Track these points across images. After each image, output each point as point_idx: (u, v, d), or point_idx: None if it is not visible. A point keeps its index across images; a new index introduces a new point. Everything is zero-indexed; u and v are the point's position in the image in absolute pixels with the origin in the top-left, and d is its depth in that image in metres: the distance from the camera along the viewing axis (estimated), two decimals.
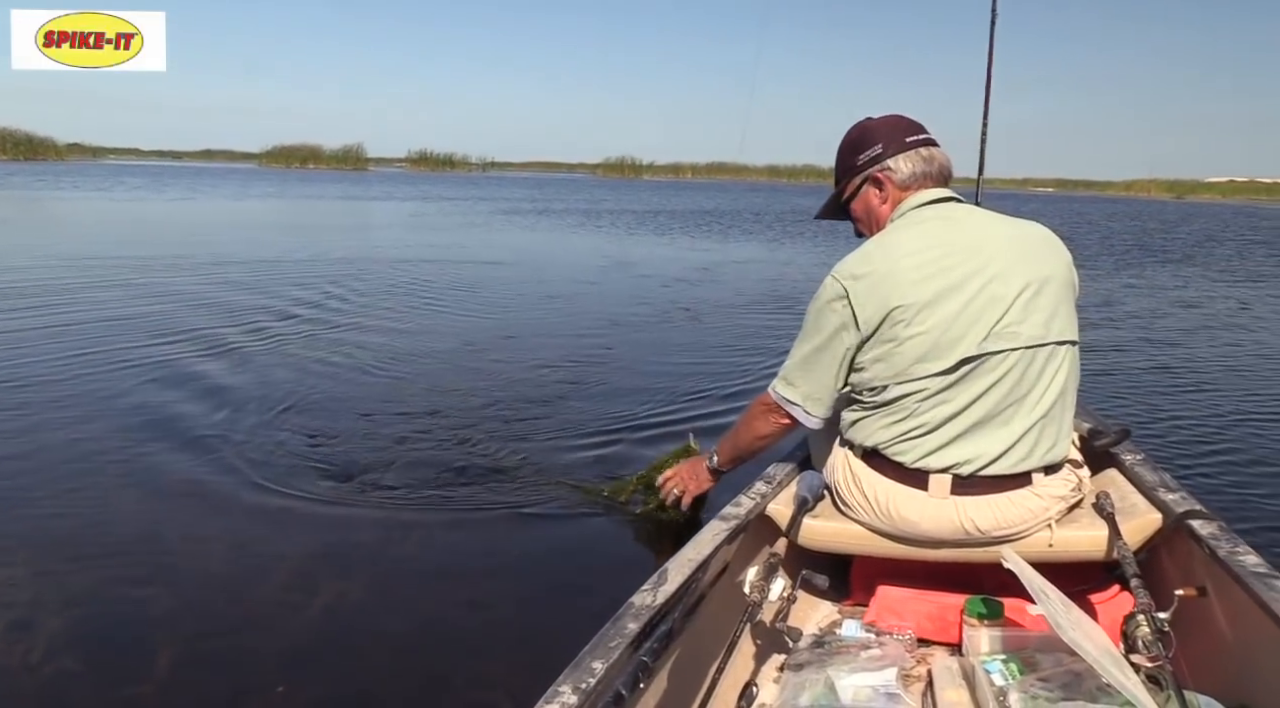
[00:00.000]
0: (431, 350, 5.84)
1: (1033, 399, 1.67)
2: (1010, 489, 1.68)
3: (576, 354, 5.85)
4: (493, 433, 4.00)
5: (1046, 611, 1.38)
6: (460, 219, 20.57)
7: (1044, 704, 1.42)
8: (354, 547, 2.79)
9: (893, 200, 1.80)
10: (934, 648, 1.74)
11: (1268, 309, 9.33)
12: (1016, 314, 1.64)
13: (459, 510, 3.10)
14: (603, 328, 6.95)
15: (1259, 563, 1.46)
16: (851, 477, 1.79)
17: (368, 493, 3.21)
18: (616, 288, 9.81)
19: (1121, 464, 2.01)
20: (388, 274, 9.81)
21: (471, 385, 4.92)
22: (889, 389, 1.68)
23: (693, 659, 1.52)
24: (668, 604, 1.44)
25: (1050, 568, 1.62)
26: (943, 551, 1.76)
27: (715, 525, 1.73)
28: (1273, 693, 1.38)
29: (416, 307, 7.63)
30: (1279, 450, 4.18)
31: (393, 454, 3.64)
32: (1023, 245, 1.70)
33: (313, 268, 10.18)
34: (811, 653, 1.66)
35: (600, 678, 1.20)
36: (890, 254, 1.67)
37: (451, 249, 13.53)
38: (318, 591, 2.52)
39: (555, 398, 4.66)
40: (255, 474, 3.35)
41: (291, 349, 5.74)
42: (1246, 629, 1.44)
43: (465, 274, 10.29)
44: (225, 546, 2.74)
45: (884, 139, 1.80)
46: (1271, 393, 5.39)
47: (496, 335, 6.44)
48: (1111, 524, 1.69)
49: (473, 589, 2.59)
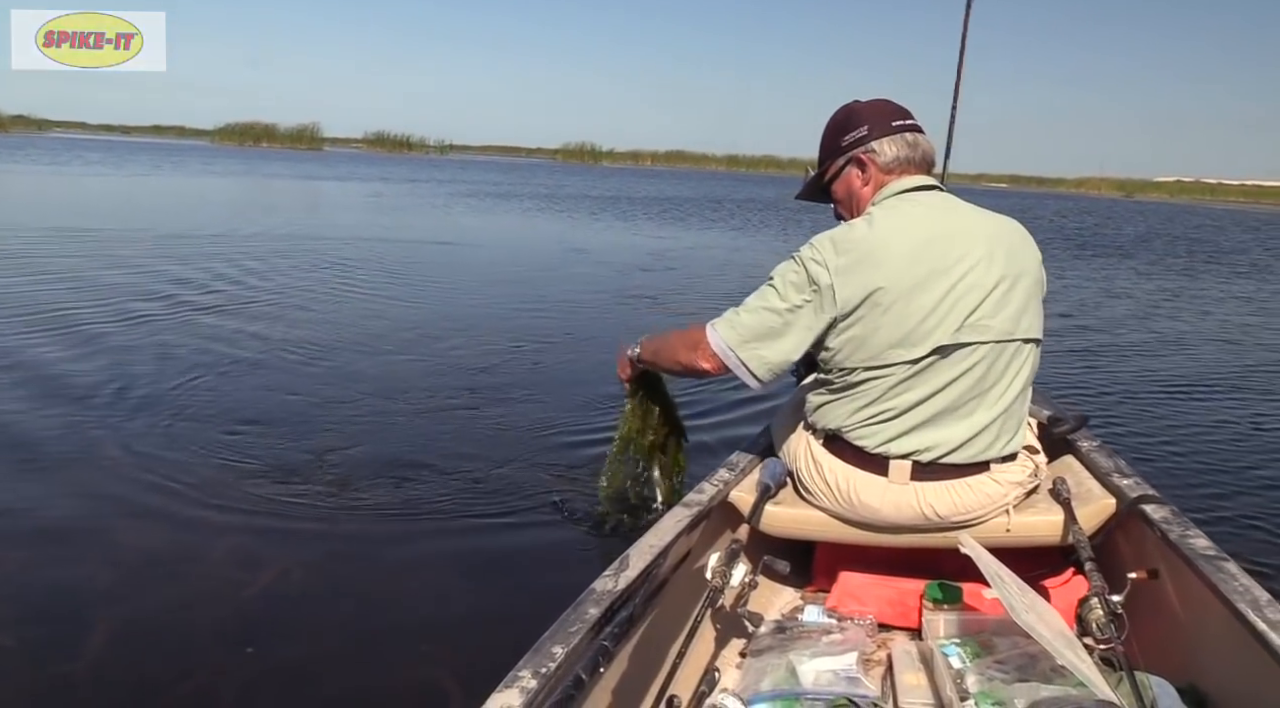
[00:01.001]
0: (397, 338, 5.80)
1: (996, 393, 1.68)
2: (969, 476, 1.70)
3: (534, 341, 5.84)
4: (443, 425, 3.99)
5: (1001, 595, 1.40)
6: (430, 202, 20.41)
7: (999, 686, 1.43)
8: (298, 541, 2.75)
9: (875, 183, 1.78)
10: (894, 633, 1.76)
11: (1191, 298, 9.85)
12: (990, 308, 1.64)
13: (401, 502, 3.08)
14: (561, 315, 6.95)
15: (1208, 546, 1.50)
16: (813, 462, 1.80)
17: (320, 489, 3.16)
18: (575, 273, 9.82)
19: (1078, 451, 2.05)
20: (347, 256, 9.71)
21: (422, 373, 4.89)
22: (857, 372, 1.68)
23: (654, 644, 1.53)
24: (629, 590, 1.44)
25: (1008, 553, 1.64)
26: (903, 536, 1.77)
27: (678, 512, 1.73)
28: (1220, 672, 1.41)
29: (393, 296, 7.53)
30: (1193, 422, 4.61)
31: (337, 451, 3.59)
32: (1001, 239, 1.70)
33: (280, 245, 10.12)
34: (773, 638, 1.67)
35: (560, 663, 1.20)
36: (874, 235, 1.65)
37: (421, 233, 13.43)
38: (258, 574, 2.52)
39: (508, 387, 4.65)
40: (183, 467, 3.31)
41: (234, 332, 5.68)
42: (1196, 611, 1.47)
43: (430, 258, 10.26)
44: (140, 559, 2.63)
45: (869, 122, 1.78)
46: (1178, 370, 5.89)
47: (452, 323, 6.40)
48: (1067, 510, 1.71)
49: (420, 579, 2.59)
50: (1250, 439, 4.48)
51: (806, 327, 1.67)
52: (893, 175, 1.77)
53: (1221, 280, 12.31)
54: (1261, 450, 4.30)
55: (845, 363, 1.68)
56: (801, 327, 1.67)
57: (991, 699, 1.41)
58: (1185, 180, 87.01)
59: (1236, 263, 15.47)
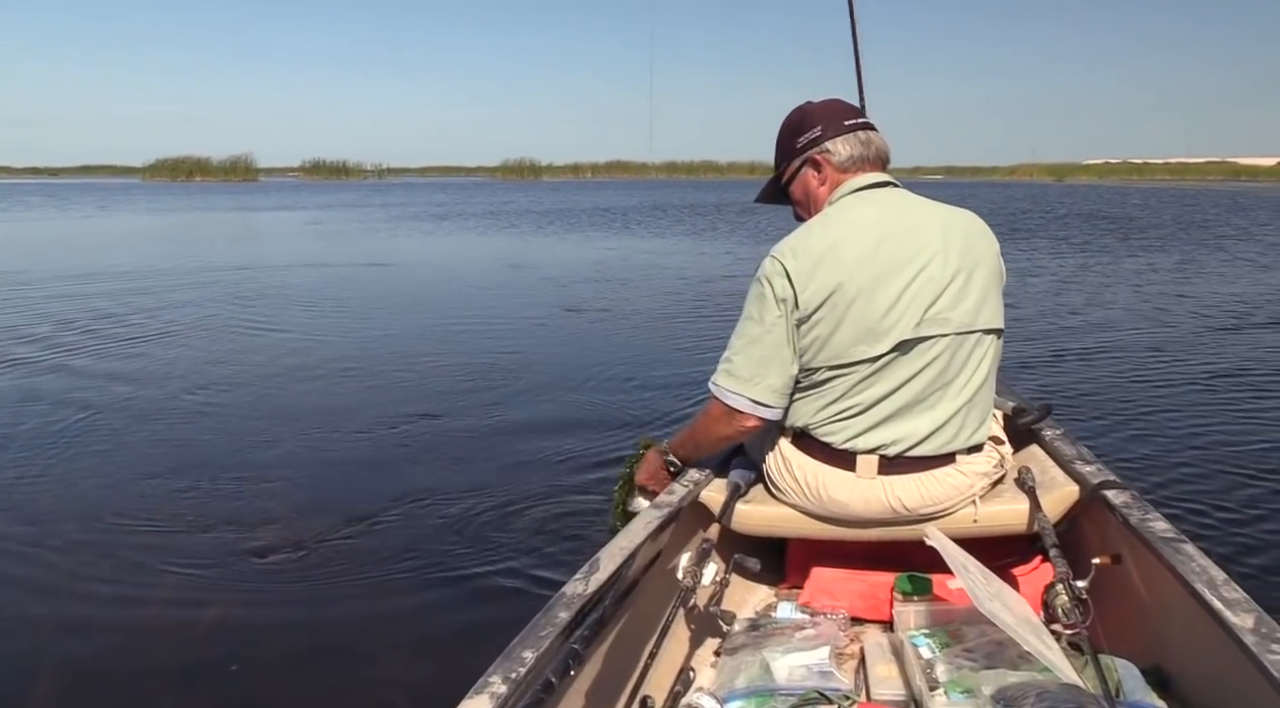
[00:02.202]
0: (336, 367, 5.80)
1: (958, 384, 1.70)
2: (935, 468, 1.72)
3: (484, 365, 5.83)
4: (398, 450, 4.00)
5: (967, 584, 1.42)
6: (373, 227, 20.45)
7: (968, 674, 1.46)
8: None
9: (831, 182, 1.80)
10: (866, 626, 1.78)
11: (1106, 273, 10.71)
12: (948, 300, 1.66)
13: (342, 535, 3.06)
14: (517, 338, 6.91)
15: (1168, 529, 1.53)
16: (782, 460, 1.81)
17: (259, 528, 3.15)
18: (526, 290, 9.85)
19: (1042, 440, 2.08)
20: (290, 286, 9.83)
21: (363, 403, 4.87)
22: (821, 371, 1.69)
23: (626, 646, 1.53)
24: (600, 592, 1.44)
25: (976, 543, 1.68)
26: (872, 530, 1.79)
27: (649, 514, 1.74)
28: (1182, 653, 1.44)
29: (335, 325, 7.53)
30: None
31: (274, 484, 3.58)
32: (956, 231, 1.72)
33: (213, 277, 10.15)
34: (747, 636, 1.68)
35: (530, 667, 1.20)
36: (830, 234, 1.67)
37: (365, 257, 13.52)
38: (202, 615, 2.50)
39: (455, 411, 4.65)
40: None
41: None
42: (1158, 593, 1.50)
43: (372, 284, 10.32)
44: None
45: (823, 122, 1.79)
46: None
47: (395, 350, 6.39)
48: (1032, 498, 1.74)
49: (368, 610, 2.59)
50: (1156, 382, 5.05)
51: (789, 337, 1.68)
52: (848, 174, 1.78)
53: (1135, 254, 13.10)
54: (1169, 400, 4.71)
55: (810, 362, 1.70)
56: (786, 340, 1.69)
57: (960, 688, 1.43)
58: (1113, 162, 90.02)
59: (1151, 238, 16.36)
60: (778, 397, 1.73)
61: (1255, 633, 1.19)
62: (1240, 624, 1.22)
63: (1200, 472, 3.60)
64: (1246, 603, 1.27)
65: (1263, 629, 1.20)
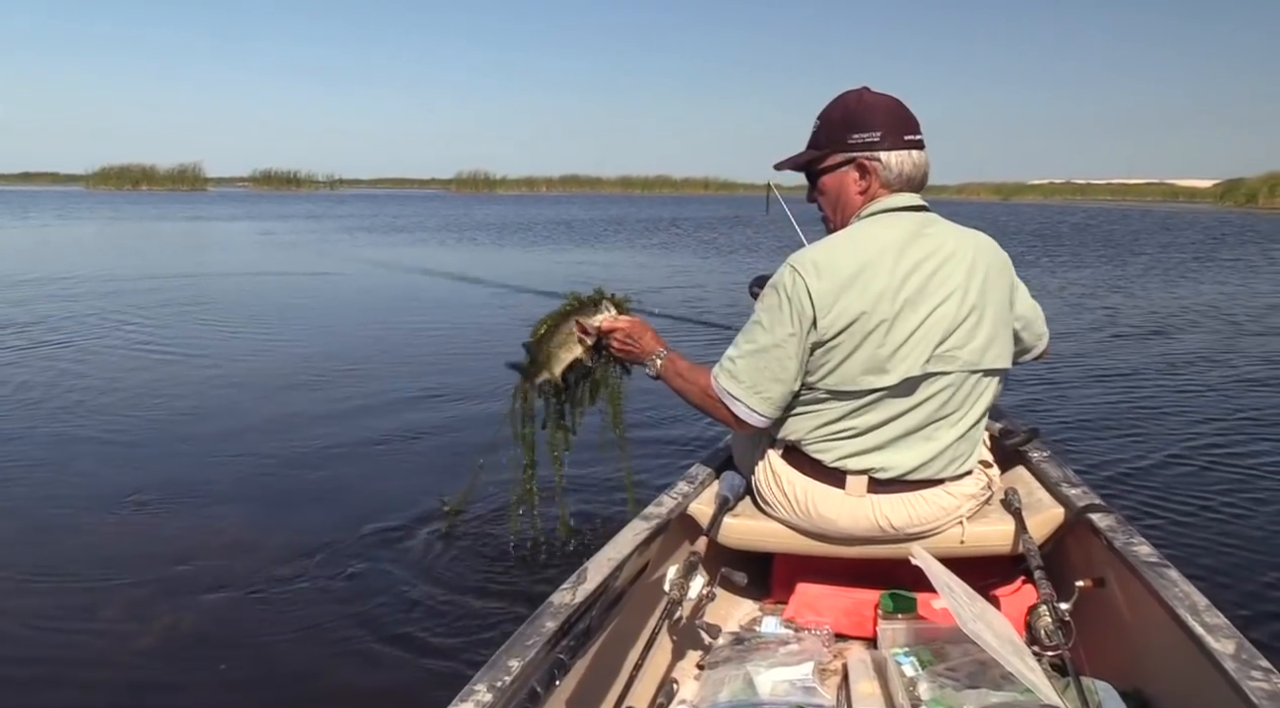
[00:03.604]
0: (291, 380, 5.81)
1: (956, 417, 1.69)
2: (924, 489, 1.72)
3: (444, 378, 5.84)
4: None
5: (950, 604, 1.43)
6: (325, 238, 20.42)
7: (951, 693, 1.47)
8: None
9: (870, 194, 1.70)
10: (851, 642, 1.78)
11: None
12: (959, 338, 1.64)
13: (289, 554, 3.04)
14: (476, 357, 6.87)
15: (1151, 553, 1.54)
16: (771, 474, 1.81)
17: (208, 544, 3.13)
18: (485, 305, 9.82)
19: (1029, 461, 2.10)
20: (237, 298, 9.91)
21: (314, 416, 4.88)
22: (822, 392, 1.68)
23: (611, 657, 1.53)
24: (586, 603, 1.44)
25: (962, 563, 1.69)
26: (859, 547, 1.79)
27: (636, 525, 1.73)
28: (1163, 677, 1.45)
29: (291, 338, 7.53)
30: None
31: (225, 501, 3.56)
32: (979, 266, 1.67)
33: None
34: (731, 650, 1.67)
35: (516, 676, 1.20)
36: (858, 257, 1.61)
37: (315, 268, 13.51)
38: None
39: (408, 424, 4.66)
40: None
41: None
42: (1141, 617, 1.51)
43: (318, 296, 10.41)
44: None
45: (884, 127, 1.67)
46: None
47: (353, 362, 6.40)
48: (1018, 519, 1.75)
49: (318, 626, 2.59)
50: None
51: (798, 355, 1.64)
52: (889, 191, 1.70)
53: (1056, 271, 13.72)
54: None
55: (813, 383, 1.68)
56: (795, 356, 1.64)
57: (942, 706, 1.44)
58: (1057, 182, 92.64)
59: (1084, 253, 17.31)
60: (774, 408, 1.69)
61: (1236, 659, 1.21)
62: (1221, 650, 1.23)
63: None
64: (1228, 629, 1.28)
65: (1243, 656, 1.21)
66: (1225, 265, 15.21)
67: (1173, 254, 17.61)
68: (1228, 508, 3.53)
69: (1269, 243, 20.85)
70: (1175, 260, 16.17)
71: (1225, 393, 5.67)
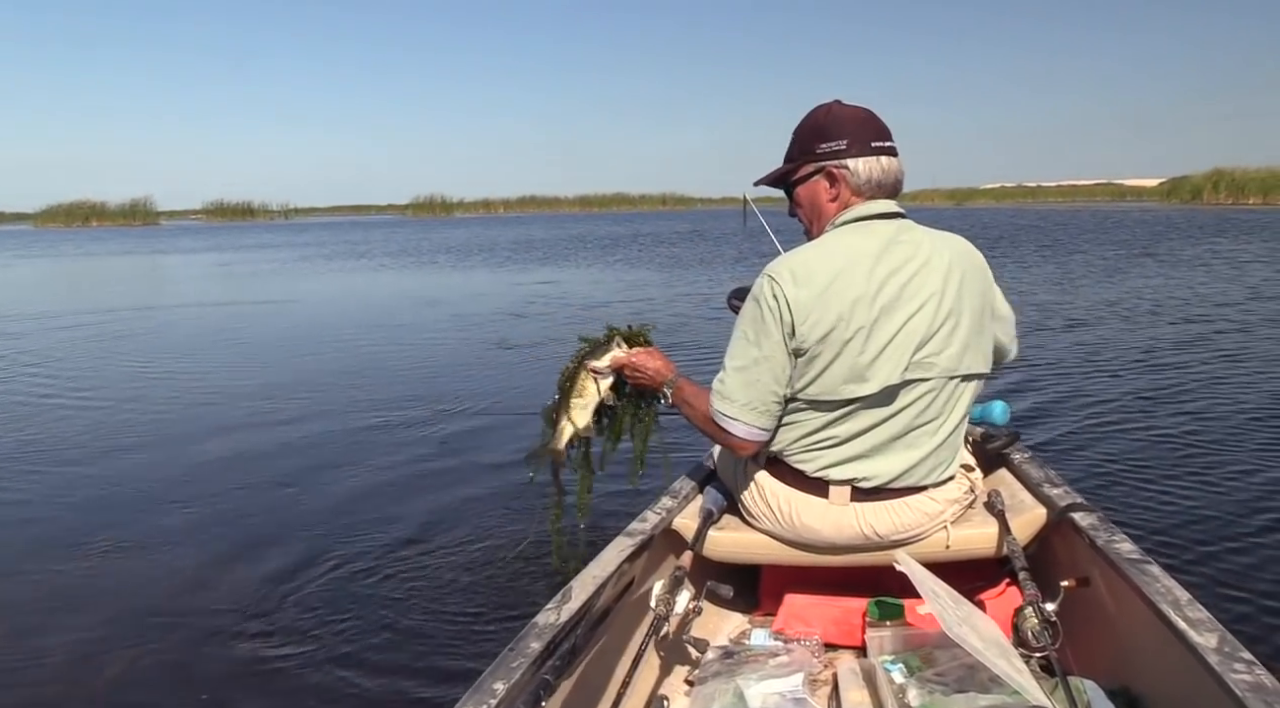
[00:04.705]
0: (253, 407, 5.77)
1: (936, 425, 1.70)
2: (908, 496, 1.73)
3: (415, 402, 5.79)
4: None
5: (936, 610, 1.44)
6: (284, 267, 20.34)
7: (940, 698, 1.47)
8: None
9: (842, 201, 1.72)
10: (840, 652, 1.78)
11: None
12: (937, 344, 1.65)
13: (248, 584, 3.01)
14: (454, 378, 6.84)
15: (1133, 550, 1.56)
16: (755, 486, 1.81)
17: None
18: (457, 327, 9.73)
19: (1011, 464, 2.11)
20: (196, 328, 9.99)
21: (276, 445, 4.83)
22: (801, 402, 1.68)
23: (598, 675, 1.52)
24: (571, 622, 1.44)
25: (948, 567, 1.69)
26: (845, 556, 1.79)
27: (621, 542, 1.72)
28: (1149, 673, 1.46)
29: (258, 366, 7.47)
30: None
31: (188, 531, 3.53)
32: (955, 272, 1.68)
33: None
34: (721, 663, 1.66)
35: (501, 698, 1.19)
36: (834, 264, 1.62)
37: (277, 297, 13.49)
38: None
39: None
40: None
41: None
42: (1125, 614, 1.52)
43: (275, 323, 10.39)
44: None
45: (850, 135, 1.69)
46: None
47: (322, 392, 6.33)
48: (1002, 522, 1.76)
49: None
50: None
51: (786, 363, 1.64)
52: (861, 197, 1.71)
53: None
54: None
55: (795, 394, 1.67)
56: (784, 364, 1.64)
57: None
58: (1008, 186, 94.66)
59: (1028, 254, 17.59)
60: (772, 420, 1.69)
61: (1219, 652, 1.22)
62: (1204, 644, 1.24)
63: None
64: (1210, 623, 1.29)
65: (1225, 649, 1.22)
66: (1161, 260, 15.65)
67: (1107, 251, 18.12)
68: (1194, 492, 3.61)
69: (1211, 238, 21.46)
70: (1112, 256, 16.66)
71: (1124, 377, 5.97)
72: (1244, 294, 10.40)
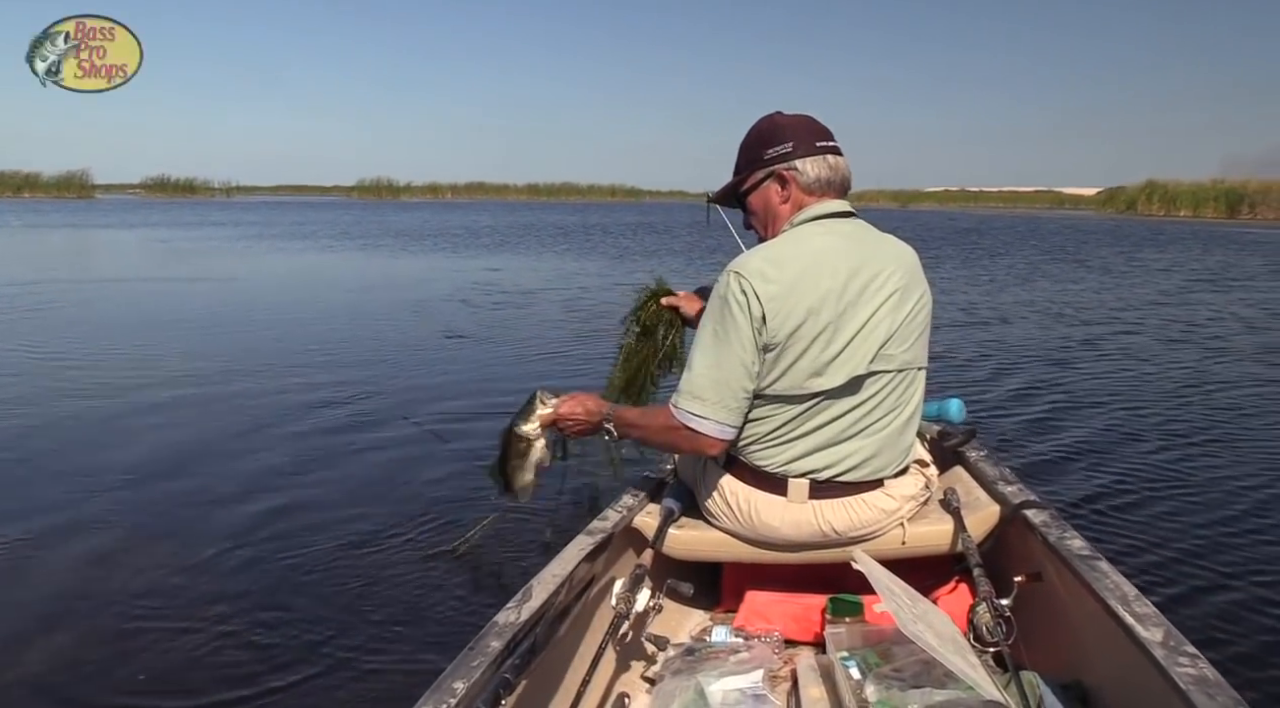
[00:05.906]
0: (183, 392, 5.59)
1: (892, 416, 1.73)
2: (864, 492, 1.75)
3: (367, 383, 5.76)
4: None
5: (891, 607, 1.46)
6: (227, 246, 19.87)
7: (896, 693, 1.49)
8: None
9: (795, 202, 1.75)
10: (800, 648, 1.79)
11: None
12: (899, 339, 1.69)
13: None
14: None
15: (1084, 546, 1.59)
16: (715, 485, 1.82)
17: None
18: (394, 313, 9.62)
19: (967, 461, 2.14)
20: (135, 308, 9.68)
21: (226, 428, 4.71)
22: (765, 398, 1.69)
23: (559, 674, 1.51)
24: (531, 620, 1.43)
25: (905, 564, 1.72)
26: (804, 554, 1.81)
27: (581, 540, 1.72)
28: (1100, 668, 1.50)
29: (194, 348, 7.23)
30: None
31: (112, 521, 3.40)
32: (909, 272, 1.74)
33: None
34: (682, 661, 1.67)
35: (460, 698, 1.19)
36: (801, 261, 1.64)
37: (212, 275, 13.19)
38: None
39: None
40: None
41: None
42: (1076, 609, 1.56)
43: (215, 306, 9.99)
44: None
45: (794, 138, 1.74)
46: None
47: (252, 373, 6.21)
48: (957, 519, 1.79)
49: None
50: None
51: (754, 360, 1.65)
52: (813, 197, 1.74)
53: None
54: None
55: (760, 389, 1.68)
56: (750, 360, 1.64)
57: (888, 706, 1.47)
58: (951, 189, 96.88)
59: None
60: (740, 417, 1.69)
61: (1164, 646, 1.25)
62: (1150, 638, 1.28)
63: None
64: (1156, 617, 1.33)
65: (1171, 643, 1.26)
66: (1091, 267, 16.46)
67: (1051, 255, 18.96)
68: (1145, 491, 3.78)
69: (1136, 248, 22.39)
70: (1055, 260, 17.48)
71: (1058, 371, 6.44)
72: (1155, 297, 11.27)
